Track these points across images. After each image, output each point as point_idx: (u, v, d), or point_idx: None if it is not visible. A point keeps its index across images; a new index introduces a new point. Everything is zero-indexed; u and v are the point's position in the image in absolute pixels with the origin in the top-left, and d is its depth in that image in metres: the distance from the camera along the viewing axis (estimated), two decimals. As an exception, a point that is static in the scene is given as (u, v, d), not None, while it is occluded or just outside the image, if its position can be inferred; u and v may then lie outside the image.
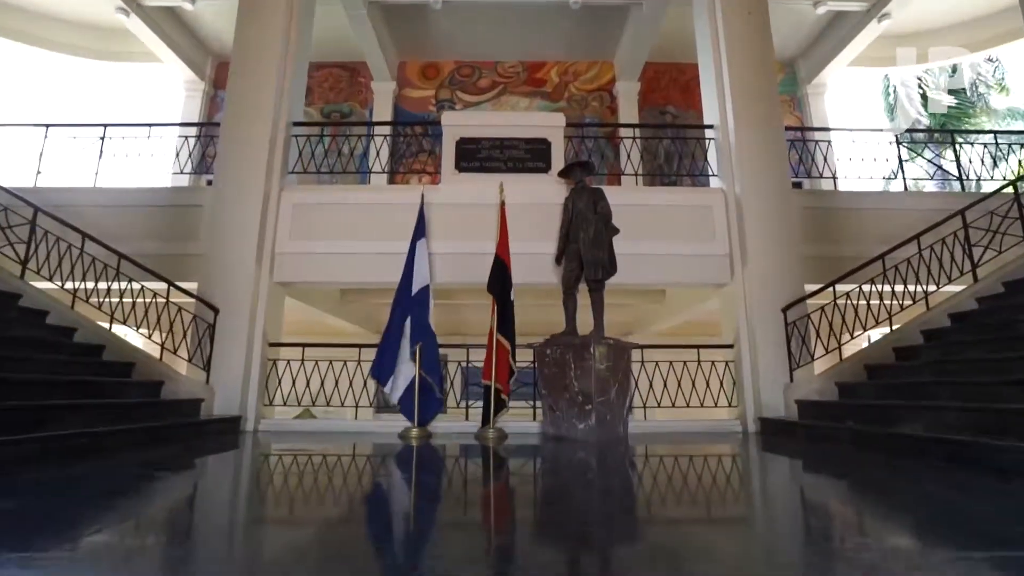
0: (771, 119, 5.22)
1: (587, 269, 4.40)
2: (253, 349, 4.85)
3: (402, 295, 4.57)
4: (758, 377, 4.76)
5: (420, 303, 4.54)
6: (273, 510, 2.17)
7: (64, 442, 2.92)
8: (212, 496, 2.47)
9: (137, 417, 3.74)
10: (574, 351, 4.16)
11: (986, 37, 8.70)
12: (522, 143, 5.36)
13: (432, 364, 4.56)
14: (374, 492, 2.60)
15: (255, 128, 5.14)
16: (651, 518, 2.03)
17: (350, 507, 2.23)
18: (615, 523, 1.88)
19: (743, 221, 5.06)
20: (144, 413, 3.86)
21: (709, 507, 2.24)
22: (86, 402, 3.44)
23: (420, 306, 4.53)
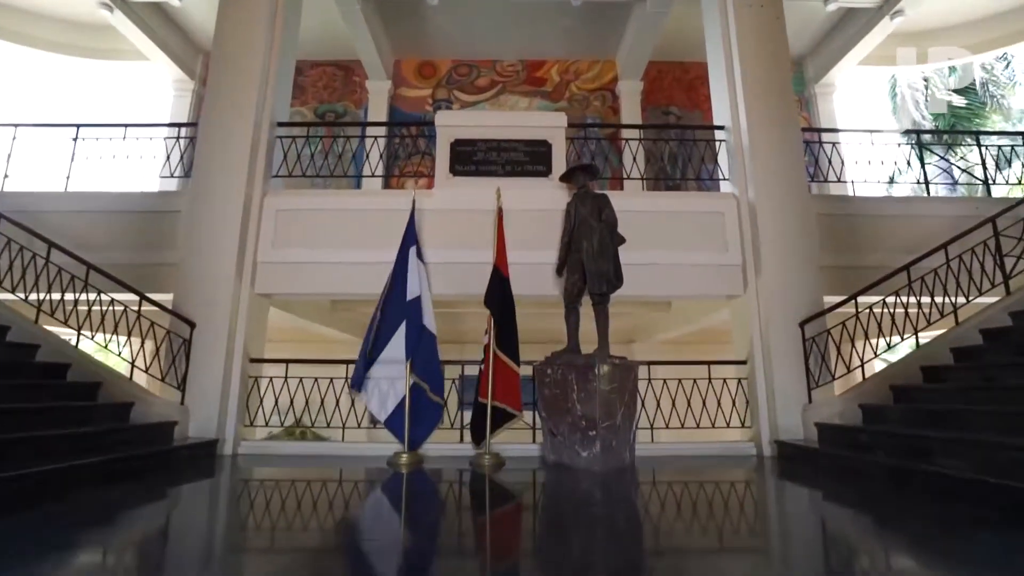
0: (786, 119, 4.90)
1: (591, 282, 4.07)
2: (232, 366, 4.52)
3: (390, 304, 4.25)
4: (774, 397, 4.44)
5: (411, 314, 4.21)
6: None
7: (10, 485, 2.60)
8: (169, 548, 2.14)
9: (102, 446, 3.42)
10: (577, 372, 3.83)
11: (1000, 35, 8.40)
12: (521, 145, 5.03)
13: (431, 368, 4.23)
14: (349, 539, 2.27)
15: (236, 128, 4.82)
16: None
17: (316, 563, 1.91)
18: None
19: (757, 228, 4.73)
20: (109, 441, 3.53)
21: (733, 560, 1.92)
22: (43, 434, 3.12)
23: (410, 318, 4.20)
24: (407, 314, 4.20)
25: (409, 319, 4.21)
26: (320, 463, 4.21)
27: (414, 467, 3.97)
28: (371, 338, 4.23)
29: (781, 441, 4.28)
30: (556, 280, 4.67)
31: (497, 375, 4.16)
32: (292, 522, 2.64)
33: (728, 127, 5.20)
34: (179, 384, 4.29)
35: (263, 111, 5.01)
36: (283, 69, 5.30)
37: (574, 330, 4.27)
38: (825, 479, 3.53)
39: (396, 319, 4.23)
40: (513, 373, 4.16)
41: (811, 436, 4.19)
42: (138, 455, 3.50)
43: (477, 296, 4.60)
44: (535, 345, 8.40)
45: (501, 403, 4.17)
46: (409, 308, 4.21)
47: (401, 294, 4.24)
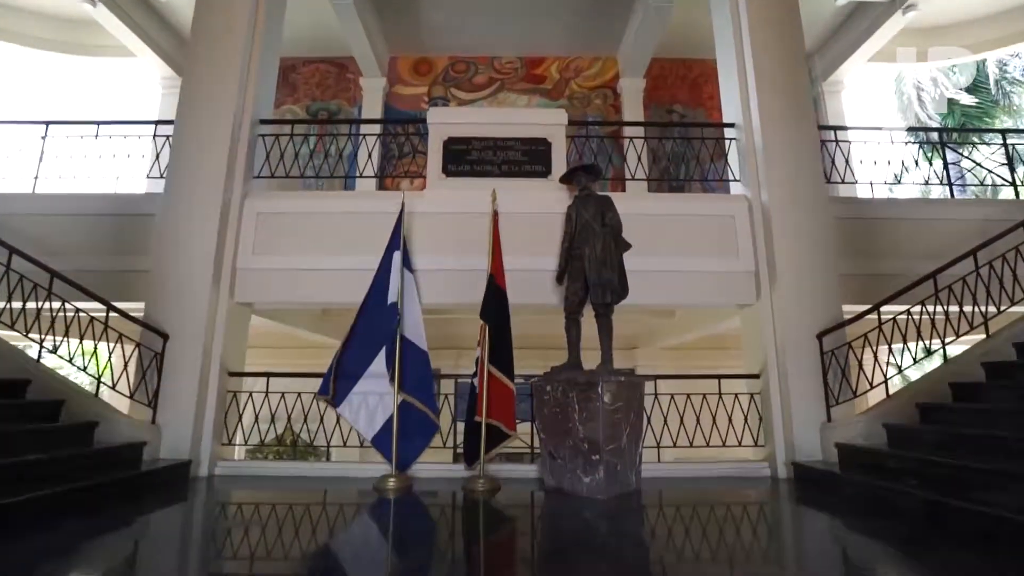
0: (802, 116, 4.59)
1: (593, 291, 3.77)
2: (208, 380, 4.21)
3: (372, 313, 3.95)
4: (790, 414, 4.12)
5: (388, 322, 3.91)
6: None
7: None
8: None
9: (62, 474, 3.11)
10: (578, 390, 3.52)
11: (1014, 32, 8.10)
12: (518, 144, 4.73)
13: (422, 384, 3.93)
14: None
15: (213, 124, 4.51)
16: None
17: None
18: None
19: (771, 233, 4.42)
20: (70, 468, 3.23)
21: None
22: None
23: (387, 326, 3.91)
24: (386, 323, 3.90)
25: (387, 327, 3.91)
26: (303, 485, 3.91)
27: (402, 491, 3.67)
28: (353, 349, 3.93)
29: (798, 463, 3.97)
30: (555, 288, 4.36)
31: (491, 392, 3.85)
32: (258, 552, 2.33)
33: (739, 125, 4.89)
34: (150, 401, 3.99)
35: (244, 106, 4.70)
36: (266, 61, 5.00)
37: (575, 343, 3.96)
38: (848, 509, 3.22)
39: (382, 329, 3.93)
40: (507, 390, 3.86)
41: (831, 458, 3.88)
42: (102, 483, 3.18)
43: (470, 305, 4.31)
44: (531, 351, 8.14)
45: (495, 421, 3.87)
46: (387, 315, 3.91)
47: (382, 302, 3.94)
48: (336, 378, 3.91)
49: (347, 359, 3.96)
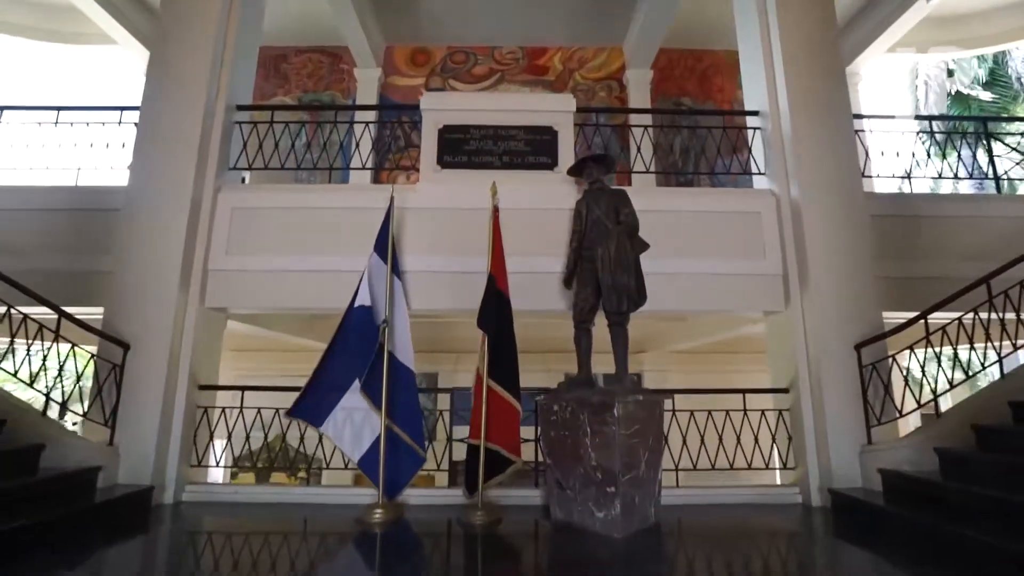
0: (836, 101, 4.14)
1: (607, 297, 3.32)
2: (175, 395, 3.77)
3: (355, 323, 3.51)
4: (824, 434, 3.69)
5: (359, 327, 3.48)
6: None
7: None
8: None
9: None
10: (590, 411, 3.08)
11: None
12: (521, 132, 4.28)
13: (410, 412, 3.50)
14: None
15: (183, 110, 4.06)
16: None
17: None
18: None
19: (803, 231, 3.98)
20: (10, 500, 2.78)
21: None
22: None
23: (360, 332, 3.47)
24: (359, 328, 3.46)
25: (360, 333, 3.47)
26: (283, 513, 3.48)
27: (391, 523, 3.24)
28: (337, 358, 3.50)
29: (835, 490, 3.53)
30: (563, 292, 3.92)
31: (492, 412, 3.42)
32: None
33: (764, 112, 4.44)
34: (107, 419, 3.54)
35: (217, 90, 4.25)
36: (244, 41, 4.54)
37: (586, 355, 3.52)
38: (897, 549, 2.78)
39: (367, 340, 3.49)
40: (512, 411, 3.42)
41: (872, 485, 3.45)
42: (45, 520, 2.74)
43: (468, 311, 3.88)
44: (533, 356, 7.71)
45: (496, 446, 3.44)
46: (361, 319, 3.47)
47: (367, 311, 3.50)
48: (316, 392, 3.47)
49: (332, 368, 3.52)
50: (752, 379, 7.07)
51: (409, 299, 3.90)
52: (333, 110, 5.66)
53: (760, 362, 7.35)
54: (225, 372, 7.62)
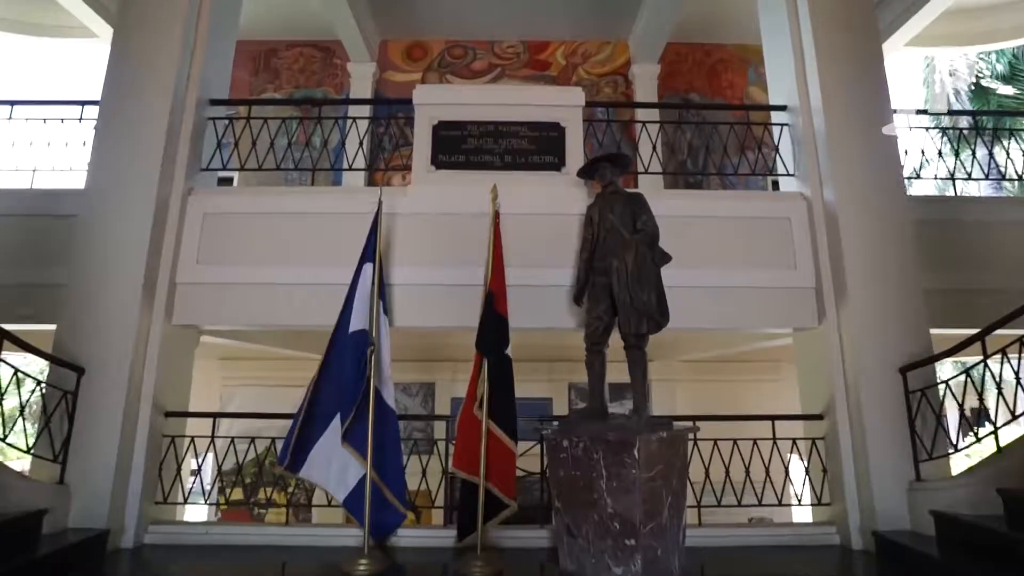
0: (876, 93, 3.72)
1: (624, 317, 2.91)
2: (137, 424, 3.36)
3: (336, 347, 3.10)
4: (866, 468, 3.27)
5: (351, 351, 3.07)
6: None
7: None
8: None
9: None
10: (606, 450, 2.67)
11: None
12: (525, 129, 3.86)
13: (391, 463, 3.09)
14: None
15: (147, 103, 3.63)
16: None
17: None
18: None
19: (839, 239, 3.56)
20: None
21: None
22: None
23: (350, 357, 3.06)
24: (355, 359, 3.05)
25: (356, 363, 3.06)
26: (259, 557, 3.08)
27: (376, 573, 2.83)
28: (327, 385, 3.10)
29: (881, 534, 3.12)
30: (572, 307, 3.51)
31: (487, 450, 3.02)
32: None
33: (793, 107, 4.02)
34: (57, 454, 3.13)
35: (188, 82, 3.82)
36: (220, 29, 4.11)
37: (599, 382, 3.11)
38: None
39: (353, 368, 3.08)
40: (508, 452, 3.03)
41: (923, 528, 3.04)
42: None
43: (463, 329, 3.49)
44: (536, 365, 7.28)
45: (492, 485, 3.04)
46: (349, 345, 3.06)
47: (345, 334, 3.09)
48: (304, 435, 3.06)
49: (321, 399, 3.10)
50: (767, 391, 6.70)
51: (393, 316, 3.49)
52: (318, 104, 5.23)
53: (774, 371, 6.96)
54: (211, 383, 7.25)
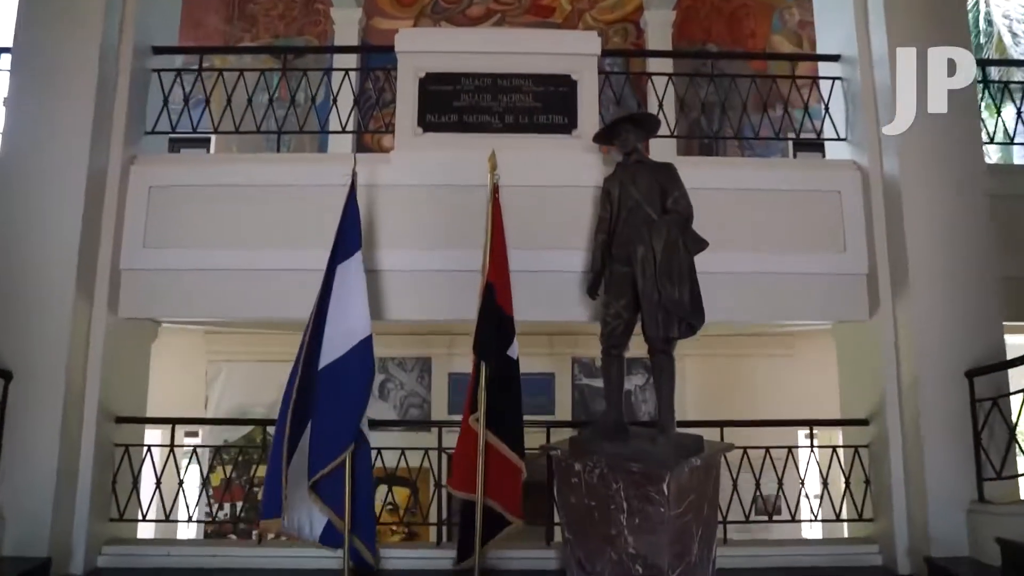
0: (956, 39, 3.07)
1: (650, 317, 2.39)
2: (81, 433, 2.91)
3: (307, 366, 2.58)
4: (919, 483, 2.85)
5: (339, 381, 2.58)
6: None
7: None
8: None
9: None
10: (629, 483, 2.22)
11: None
12: (529, 83, 3.23)
13: (365, 509, 2.63)
14: None
15: (71, 52, 2.99)
16: None
17: None
18: None
19: (900, 217, 3.02)
20: None
21: None
22: None
23: (335, 388, 2.57)
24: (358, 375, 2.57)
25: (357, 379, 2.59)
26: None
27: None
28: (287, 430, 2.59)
29: (935, 560, 2.73)
30: (583, 297, 3.00)
31: (488, 463, 2.58)
32: None
33: (848, 57, 3.38)
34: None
35: (121, 26, 3.16)
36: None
37: (616, 390, 2.63)
38: None
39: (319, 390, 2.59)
40: (513, 468, 2.59)
41: (985, 556, 2.64)
42: None
43: (459, 321, 3.00)
44: (539, 338, 6.80)
45: (493, 501, 2.63)
46: (326, 381, 2.56)
47: (315, 352, 2.57)
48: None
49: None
50: (781, 367, 6.19)
51: (385, 308, 3.00)
52: (281, 52, 4.51)
53: (788, 345, 6.42)
54: (195, 359, 6.80)
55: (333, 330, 2.64)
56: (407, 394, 6.76)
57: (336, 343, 2.63)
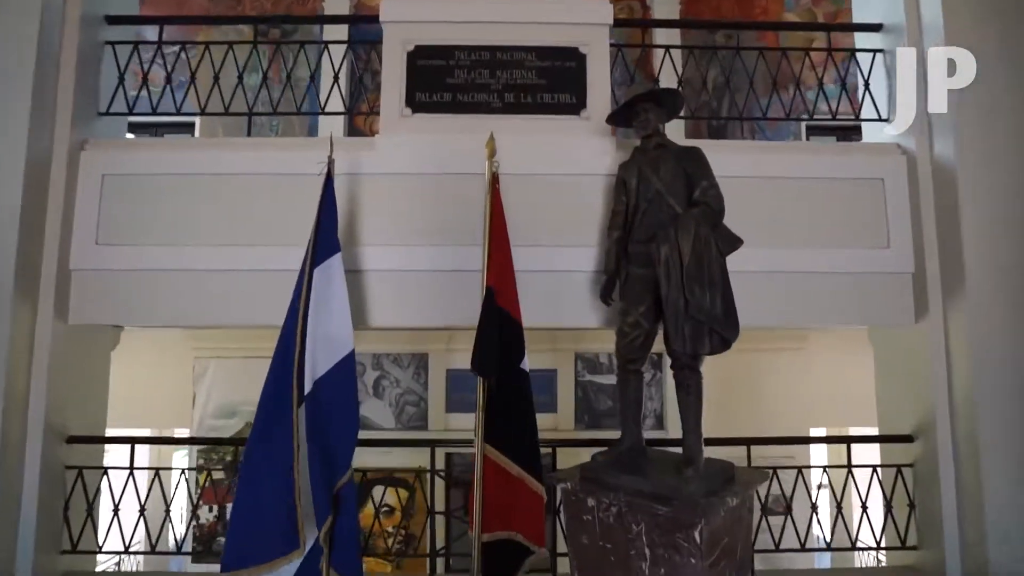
0: (1019, 10, 2.70)
1: (675, 329, 2.02)
2: (24, 456, 2.57)
3: (279, 389, 2.22)
4: (977, 507, 2.52)
5: (322, 406, 2.22)
6: None
7: None
8: None
9: None
10: (653, 526, 1.88)
11: None
12: (532, 57, 2.85)
13: (348, 548, 2.27)
14: None
15: (6, 24, 2.61)
16: None
17: None
18: None
19: (955, 208, 2.66)
20: None
21: None
22: None
23: (318, 414, 2.21)
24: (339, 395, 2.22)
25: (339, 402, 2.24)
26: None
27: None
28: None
29: (995, 598, 2.41)
30: (593, 301, 2.65)
31: (498, 490, 2.25)
32: None
33: (894, 26, 2.99)
34: (-91, 503, 2.35)
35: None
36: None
37: (634, 410, 2.27)
38: None
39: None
40: (531, 495, 2.26)
41: (1057, 596, 2.33)
42: None
43: (456, 327, 2.65)
44: (540, 333, 6.43)
45: (509, 533, 2.30)
46: (323, 390, 2.21)
47: (287, 368, 2.21)
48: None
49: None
50: (792, 361, 5.77)
51: (368, 312, 2.64)
52: (255, 23, 4.07)
53: (800, 339, 5.96)
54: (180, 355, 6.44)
55: (313, 345, 2.28)
56: (403, 391, 6.49)
57: (317, 361, 2.27)
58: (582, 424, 6.20)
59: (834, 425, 5.33)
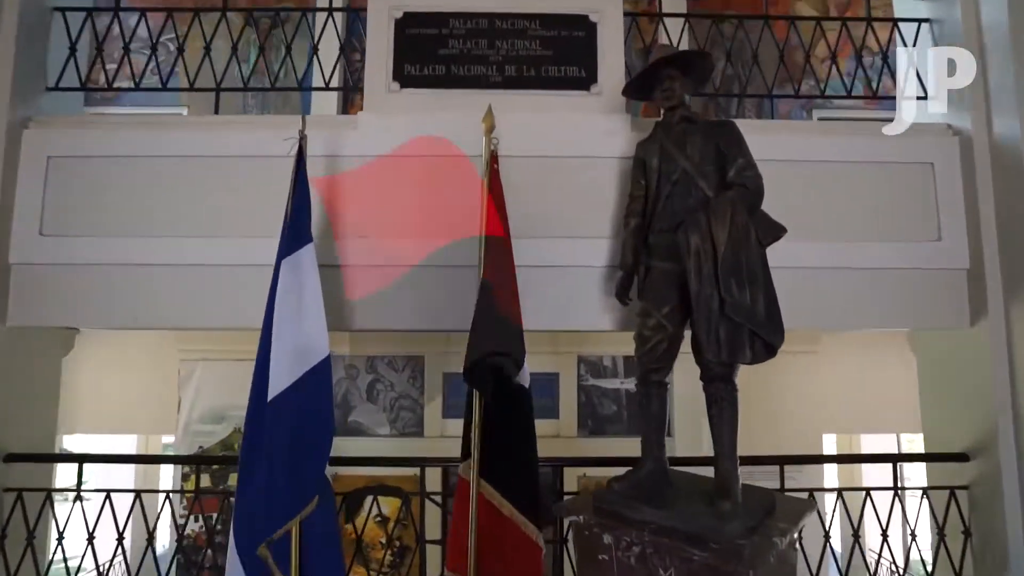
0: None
1: (707, 330, 1.69)
2: (-47, 479, 2.24)
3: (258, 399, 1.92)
4: (1045, 540, 2.20)
5: (291, 417, 1.91)
6: None
7: None
8: None
9: None
10: (684, 571, 1.55)
11: None
12: (535, 25, 2.53)
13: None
14: None
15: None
16: None
17: None
18: None
19: (1020, 197, 2.33)
20: None
21: None
22: None
23: (286, 426, 1.90)
24: (283, 412, 1.89)
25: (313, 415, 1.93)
26: None
27: None
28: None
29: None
30: (606, 301, 2.32)
31: (490, 535, 1.91)
32: None
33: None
34: None
35: (4, -51, 2.45)
36: None
37: (657, 430, 1.94)
38: None
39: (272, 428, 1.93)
40: (529, 544, 1.92)
41: None
42: None
43: (449, 331, 2.33)
44: (541, 335, 6.10)
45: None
46: (285, 401, 1.89)
47: (263, 377, 1.91)
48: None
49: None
50: (804, 365, 5.37)
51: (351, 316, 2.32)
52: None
53: (812, 341, 5.54)
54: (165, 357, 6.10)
55: (281, 347, 1.96)
56: (398, 396, 6.19)
57: (284, 366, 1.95)
58: (585, 430, 5.90)
59: (846, 432, 5.02)
